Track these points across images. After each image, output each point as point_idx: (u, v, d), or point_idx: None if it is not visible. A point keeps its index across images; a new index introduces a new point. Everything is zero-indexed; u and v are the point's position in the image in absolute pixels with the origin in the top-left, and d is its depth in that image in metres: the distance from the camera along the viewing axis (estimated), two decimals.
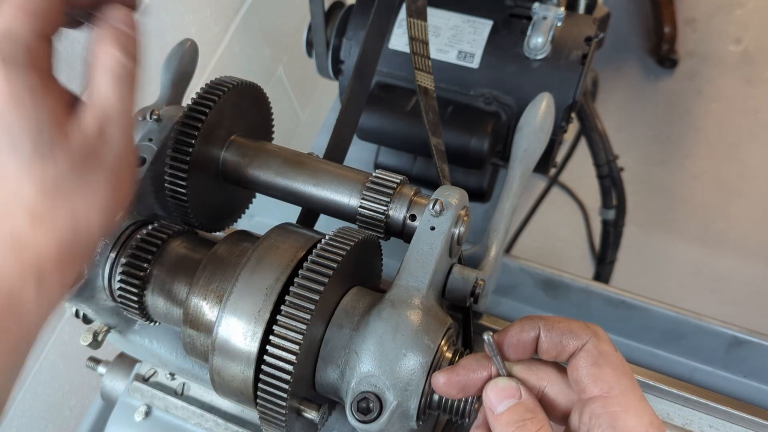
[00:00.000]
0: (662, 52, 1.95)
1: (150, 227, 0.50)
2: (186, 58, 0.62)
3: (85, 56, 0.39)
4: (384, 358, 0.41)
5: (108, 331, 0.56)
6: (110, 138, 0.37)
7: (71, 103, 0.38)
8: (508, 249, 1.40)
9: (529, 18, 0.81)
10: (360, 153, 0.94)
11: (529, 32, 0.79)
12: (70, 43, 0.76)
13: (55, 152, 0.35)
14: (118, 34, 0.38)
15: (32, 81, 0.35)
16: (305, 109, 1.50)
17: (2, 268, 0.35)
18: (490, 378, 0.40)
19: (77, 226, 0.37)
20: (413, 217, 0.49)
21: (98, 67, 0.38)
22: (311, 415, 0.45)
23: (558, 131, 0.80)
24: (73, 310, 0.54)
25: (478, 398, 0.42)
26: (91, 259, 0.41)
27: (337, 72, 0.92)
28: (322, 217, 0.56)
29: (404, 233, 0.50)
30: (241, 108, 0.54)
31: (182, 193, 0.50)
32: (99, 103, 0.37)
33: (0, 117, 0.34)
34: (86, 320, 0.56)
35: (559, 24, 0.79)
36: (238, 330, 0.42)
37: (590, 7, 0.93)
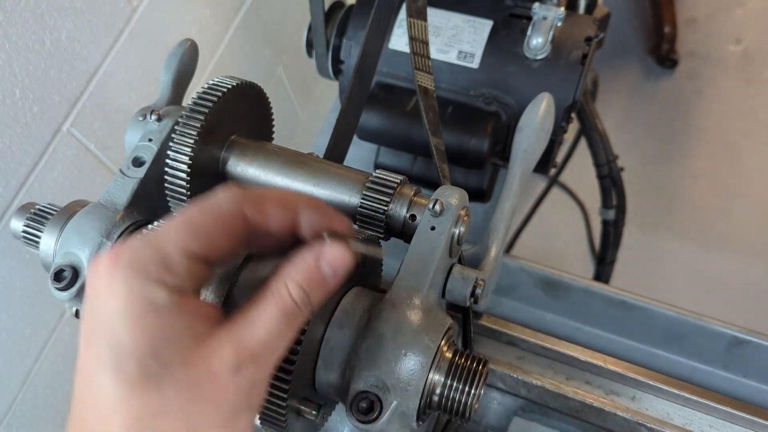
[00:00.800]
0: (662, 52, 1.95)
1: (150, 227, 0.50)
2: (186, 58, 0.62)
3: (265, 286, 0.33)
4: (384, 358, 0.41)
5: None
6: (242, 382, 0.31)
7: (215, 323, 0.32)
8: (508, 249, 1.40)
9: (529, 18, 0.81)
10: (360, 153, 0.94)
11: (529, 32, 0.79)
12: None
13: (164, 382, 0.30)
14: (317, 274, 0.34)
15: (160, 298, 0.30)
16: (305, 109, 1.50)
17: None
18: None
19: None
20: (413, 217, 0.49)
21: (272, 296, 0.33)
22: (311, 415, 0.45)
23: (558, 131, 0.80)
24: (73, 310, 0.54)
25: (478, 399, 0.42)
26: None
27: (337, 72, 0.92)
28: None
29: (404, 233, 0.50)
30: (242, 108, 0.54)
31: (182, 193, 0.50)
32: (250, 339, 0.32)
33: (111, 329, 0.30)
34: None
35: (559, 24, 0.79)
36: None
37: (590, 7, 0.93)
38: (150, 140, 0.54)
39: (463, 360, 0.43)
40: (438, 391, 0.42)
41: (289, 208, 0.35)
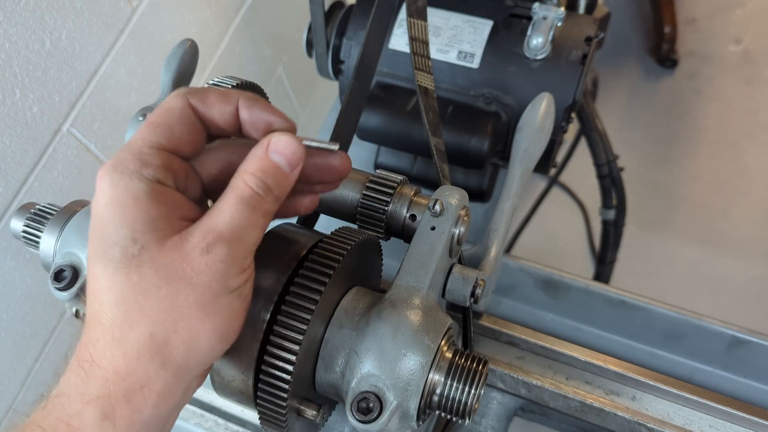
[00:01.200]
0: (662, 52, 1.95)
1: None
2: (186, 58, 0.62)
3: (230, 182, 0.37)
4: (384, 358, 0.41)
5: None
6: (213, 261, 0.34)
7: (190, 214, 0.36)
8: (508, 249, 1.40)
9: (529, 18, 0.81)
10: (360, 153, 0.94)
11: (529, 32, 0.79)
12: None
13: (143, 263, 0.34)
14: (268, 163, 0.37)
15: (138, 189, 0.34)
16: (305, 109, 1.50)
17: (71, 389, 0.34)
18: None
19: (153, 348, 0.34)
20: (413, 217, 0.49)
21: (231, 189, 0.36)
22: (311, 415, 0.45)
23: (558, 131, 0.80)
24: (73, 310, 0.54)
25: (478, 399, 0.42)
26: (173, 393, 0.35)
27: (337, 72, 0.92)
28: (322, 217, 0.56)
29: (404, 233, 0.50)
30: None
31: None
32: (214, 222, 0.35)
33: (98, 220, 0.34)
34: None
35: (559, 24, 0.79)
36: None
37: (590, 7, 0.93)
38: None
39: (463, 360, 0.43)
40: (438, 391, 0.42)
41: (229, 100, 0.38)
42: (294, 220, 0.55)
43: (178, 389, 0.36)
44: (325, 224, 0.54)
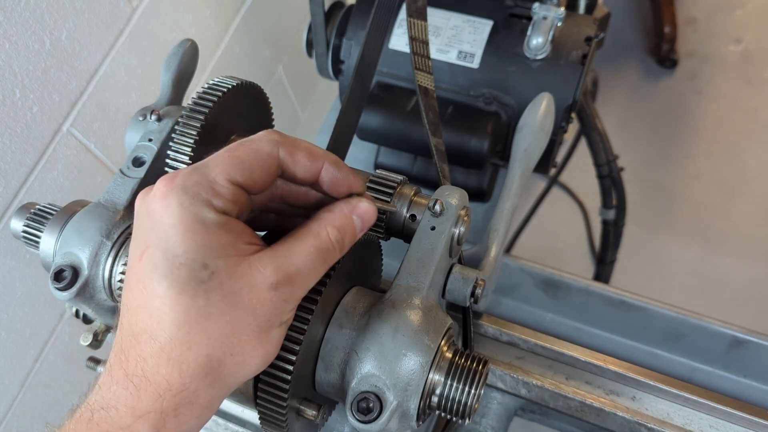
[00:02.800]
0: (662, 52, 1.95)
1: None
2: (186, 58, 0.62)
3: (305, 225, 0.39)
4: (384, 358, 0.41)
5: (108, 331, 0.56)
6: (278, 298, 0.36)
7: (256, 247, 0.37)
8: (508, 249, 1.40)
9: (529, 18, 0.81)
10: (360, 153, 0.94)
11: (529, 32, 0.79)
12: None
13: (211, 288, 0.35)
14: (350, 223, 0.40)
15: (208, 218, 0.35)
16: (305, 109, 1.50)
17: (120, 403, 0.35)
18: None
19: (207, 369, 0.35)
20: (413, 217, 0.49)
21: (311, 235, 0.38)
22: (311, 415, 0.45)
23: (558, 131, 0.80)
24: (73, 310, 0.54)
25: (478, 399, 0.42)
26: (213, 407, 0.37)
27: (337, 72, 0.92)
28: None
29: (404, 233, 0.50)
30: (242, 108, 0.54)
31: None
32: (288, 263, 0.37)
33: (162, 239, 0.35)
34: (86, 320, 0.56)
35: (559, 24, 0.79)
36: None
37: (590, 7, 0.93)
38: (150, 140, 0.54)
39: (463, 360, 0.43)
40: (438, 391, 0.42)
41: (316, 159, 0.40)
42: None
43: (219, 403, 0.38)
44: None
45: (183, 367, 0.35)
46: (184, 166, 0.50)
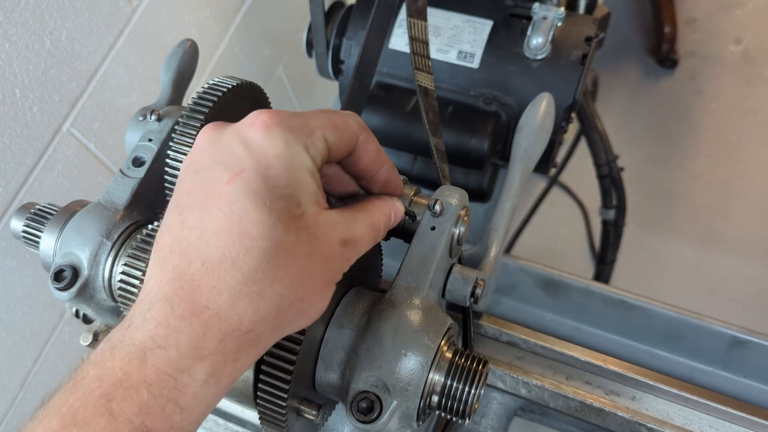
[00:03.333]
0: (662, 52, 1.95)
1: (150, 227, 0.50)
2: (186, 58, 0.62)
3: (366, 201, 0.43)
4: (384, 358, 0.41)
5: (108, 331, 0.56)
6: (344, 254, 0.38)
7: (327, 208, 0.38)
8: (508, 249, 1.40)
9: (529, 18, 0.81)
10: None
11: (529, 32, 0.79)
12: None
13: (300, 226, 0.34)
14: (389, 215, 0.44)
15: (305, 160, 0.36)
16: (305, 109, 1.50)
17: (181, 342, 0.31)
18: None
19: (278, 311, 0.34)
20: (413, 217, 0.49)
21: (368, 213, 0.41)
22: (311, 415, 0.45)
23: (558, 131, 0.80)
24: (73, 310, 0.54)
25: (478, 399, 0.42)
26: (265, 350, 0.36)
27: (337, 72, 0.92)
28: None
29: (404, 233, 0.50)
30: (242, 108, 0.54)
31: None
32: (355, 230, 0.39)
33: (263, 166, 0.34)
34: (86, 320, 0.56)
35: (559, 24, 0.79)
36: None
37: (590, 7, 0.93)
38: (150, 140, 0.54)
39: (463, 360, 0.43)
40: (438, 391, 0.42)
41: (381, 156, 0.43)
42: None
43: (264, 352, 0.36)
44: None
45: (259, 305, 0.33)
46: None
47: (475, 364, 0.43)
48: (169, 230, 0.35)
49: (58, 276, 0.49)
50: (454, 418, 0.43)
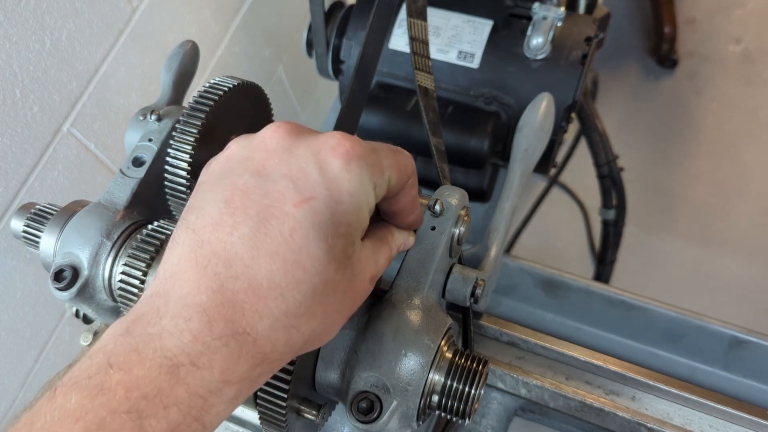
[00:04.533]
0: (662, 52, 1.95)
1: (150, 227, 0.50)
2: (187, 59, 0.62)
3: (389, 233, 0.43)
4: (384, 358, 0.41)
5: None
6: (368, 290, 0.38)
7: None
8: (508, 249, 1.40)
9: (529, 18, 0.81)
10: None
11: (529, 32, 0.79)
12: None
13: (347, 266, 0.35)
14: (400, 246, 0.43)
15: (371, 200, 0.36)
16: (305, 109, 1.50)
17: (215, 363, 0.30)
18: None
19: (306, 342, 0.34)
20: None
21: (388, 245, 0.41)
22: (311, 415, 0.45)
23: (558, 131, 0.80)
24: (73, 310, 0.54)
25: (478, 399, 0.42)
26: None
27: (337, 72, 0.92)
28: None
29: None
30: (242, 107, 0.54)
31: (183, 192, 0.50)
32: (379, 263, 0.39)
33: (337, 203, 0.33)
34: (86, 320, 0.56)
35: (559, 24, 0.79)
36: None
37: (590, 7, 0.93)
38: (150, 140, 0.54)
39: (463, 360, 0.43)
40: (438, 391, 0.42)
41: (415, 204, 0.43)
42: None
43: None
44: None
45: (293, 338, 0.32)
46: (185, 164, 0.50)
47: (475, 364, 0.43)
48: (215, 228, 0.32)
49: (58, 276, 0.49)
50: (454, 418, 0.43)
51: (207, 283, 0.31)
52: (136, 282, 0.48)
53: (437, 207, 0.47)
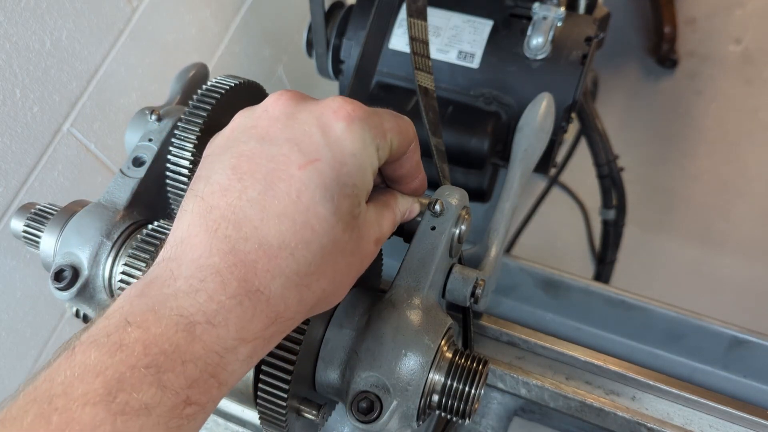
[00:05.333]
0: (662, 52, 1.95)
1: (150, 227, 0.51)
2: (198, 76, 0.62)
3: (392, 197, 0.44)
4: (384, 358, 0.41)
5: None
6: (374, 251, 0.39)
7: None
8: (508, 249, 1.40)
9: (530, 18, 0.81)
10: None
11: (529, 32, 0.79)
12: None
13: (356, 227, 0.36)
14: (405, 213, 0.44)
15: (375, 161, 0.37)
16: None
17: (230, 321, 0.31)
18: None
19: (317, 302, 0.35)
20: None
21: (392, 210, 0.42)
22: (311, 415, 0.45)
23: (558, 131, 0.80)
24: (73, 310, 0.54)
25: (478, 399, 0.42)
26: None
27: (337, 72, 0.92)
28: None
29: (404, 233, 0.50)
30: (243, 107, 0.54)
31: (183, 192, 0.50)
32: (383, 227, 0.40)
33: (342, 165, 0.34)
34: (86, 320, 0.56)
35: (559, 24, 0.79)
36: None
37: (590, 7, 0.93)
38: (150, 140, 0.54)
39: (463, 360, 0.43)
40: (438, 391, 0.42)
41: (419, 169, 0.44)
42: None
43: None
44: None
45: (305, 296, 0.33)
46: (187, 162, 0.50)
47: (475, 364, 0.43)
48: (224, 194, 0.33)
49: (58, 276, 0.49)
50: (454, 418, 0.43)
51: (218, 246, 0.32)
52: None
53: (437, 207, 0.47)
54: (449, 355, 0.43)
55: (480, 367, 0.43)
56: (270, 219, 0.32)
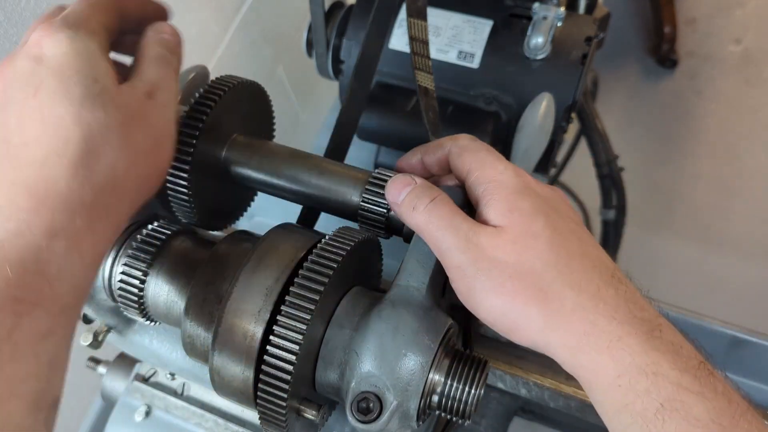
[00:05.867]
0: (662, 52, 1.95)
1: (150, 227, 0.50)
2: (197, 77, 0.62)
3: (137, 52, 0.44)
4: (384, 358, 0.41)
5: (108, 331, 0.56)
6: (158, 103, 0.41)
7: (123, 77, 0.41)
8: None
9: (529, 18, 0.81)
10: (360, 153, 0.94)
11: (529, 32, 0.79)
12: None
13: (106, 102, 0.38)
14: (162, 38, 0.45)
15: (91, 45, 0.39)
16: (305, 109, 1.50)
17: (32, 223, 0.34)
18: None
19: (116, 180, 0.38)
20: None
21: (146, 57, 0.43)
22: (311, 415, 0.45)
23: (558, 131, 0.80)
24: None
25: (478, 399, 0.42)
26: (122, 223, 0.40)
27: (337, 72, 0.92)
28: (323, 216, 0.56)
29: (405, 232, 0.50)
30: (242, 107, 0.54)
31: (183, 192, 0.50)
32: (148, 77, 0.41)
33: (58, 67, 0.37)
34: (86, 320, 0.56)
35: (559, 24, 0.79)
36: (238, 330, 0.42)
37: (590, 7, 0.93)
38: None
39: (463, 360, 0.43)
40: (438, 391, 0.42)
41: (151, 11, 0.47)
42: (294, 220, 0.55)
43: (128, 217, 0.40)
44: (325, 224, 0.54)
45: (93, 179, 0.37)
46: (186, 165, 0.50)
47: (475, 365, 0.43)
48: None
49: None
50: (454, 418, 0.43)
51: (5, 188, 0.36)
52: (136, 282, 0.48)
53: None
54: (449, 355, 0.43)
55: (480, 367, 0.43)
56: (32, 145, 0.36)
